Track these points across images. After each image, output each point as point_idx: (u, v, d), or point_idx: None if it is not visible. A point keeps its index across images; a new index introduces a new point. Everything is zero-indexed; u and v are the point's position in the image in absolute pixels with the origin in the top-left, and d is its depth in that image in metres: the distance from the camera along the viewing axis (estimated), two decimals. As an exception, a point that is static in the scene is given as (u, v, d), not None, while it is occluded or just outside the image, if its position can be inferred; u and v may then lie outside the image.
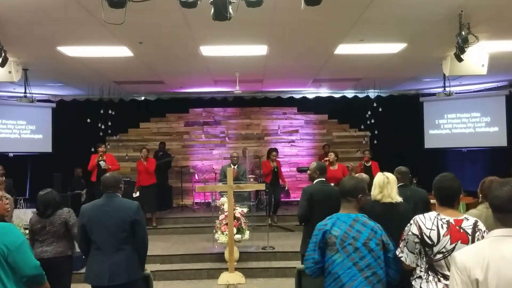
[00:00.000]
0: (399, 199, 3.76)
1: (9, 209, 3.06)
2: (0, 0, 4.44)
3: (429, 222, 2.65)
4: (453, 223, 2.61)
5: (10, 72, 6.61)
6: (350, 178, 3.26)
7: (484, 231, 2.56)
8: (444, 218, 2.64)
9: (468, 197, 7.58)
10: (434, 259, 2.60)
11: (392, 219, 3.46)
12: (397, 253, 2.84)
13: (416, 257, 2.74)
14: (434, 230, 2.61)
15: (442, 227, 2.61)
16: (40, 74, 8.01)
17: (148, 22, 5.20)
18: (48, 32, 5.64)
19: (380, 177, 3.82)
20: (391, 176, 3.82)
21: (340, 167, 8.07)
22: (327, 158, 8.01)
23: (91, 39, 5.95)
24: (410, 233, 2.71)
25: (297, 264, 4.50)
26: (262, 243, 7.47)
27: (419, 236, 2.65)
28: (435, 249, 2.59)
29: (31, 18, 5.03)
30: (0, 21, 5.01)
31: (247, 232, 6.74)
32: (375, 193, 3.77)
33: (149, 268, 4.37)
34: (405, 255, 2.78)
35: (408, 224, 2.76)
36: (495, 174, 3.81)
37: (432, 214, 2.70)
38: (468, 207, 6.93)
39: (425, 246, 2.63)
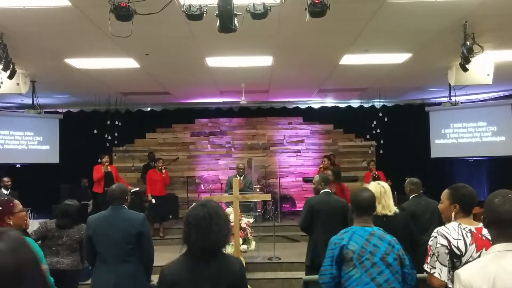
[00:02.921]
0: (395, 209, 3.69)
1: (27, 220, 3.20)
2: (9, 14, 4.51)
3: (455, 233, 2.59)
4: (474, 231, 2.60)
5: (18, 84, 6.68)
6: (364, 190, 3.07)
7: None
8: (467, 227, 2.62)
9: (476, 207, 7.51)
10: None
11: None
12: (428, 270, 2.60)
13: (449, 270, 2.58)
14: (461, 240, 2.56)
15: (467, 236, 2.57)
16: (47, 85, 8.09)
17: (154, 35, 5.26)
18: (56, 45, 5.72)
19: (376, 187, 3.64)
20: (386, 186, 3.70)
21: None
22: (321, 165, 8.04)
23: (98, 51, 6.02)
24: (438, 245, 2.57)
25: (303, 275, 4.48)
26: (268, 254, 7.43)
27: (448, 247, 2.55)
28: (464, 260, 2.53)
29: (39, 31, 5.10)
30: (9, 34, 5.08)
31: (253, 243, 6.72)
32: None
33: (155, 279, 4.36)
34: (438, 271, 2.55)
35: (432, 238, 2.63)
36: (502, 183, 3.78)
37: (454, 224, 2.65)
38: (475, 217, 6.86)
39: (453, 257, 2.55)
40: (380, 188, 3.66)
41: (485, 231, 2.61)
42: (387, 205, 3.62)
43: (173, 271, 2.23)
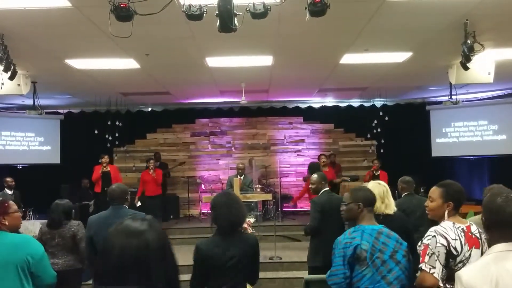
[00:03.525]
0: (395, 208, 3.73)
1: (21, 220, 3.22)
2: (10, 15, 4.52)
3: (452, 233, 2.56)
4: (466, 230, 2.60)
5: (19, 85, 6.67)
6: (363, 188, 3.12)
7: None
8: (460, 226, 2.60)
9: (477, 205, 7.51)
10: (455, 269, 2.51)
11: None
12: (426, 269, 2.54)
13: (442, 269, 2.56)
14: (457, 240, 2.55)
15: (461, 235, 2.57)
16: (48, 86, 8.10)
17: (154, 35, 5.26)
18: (56, 46, 5.72)
19: (379, 188, 3.66)
20: (386, 185, 3.75)
21: (331, 170, 8.24)
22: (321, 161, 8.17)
23: (98, 52, 6.03)
24: (438, 244, 2.53)
25: (305, 274, 4.48)
26: (269, 253, 7.43)
27: (447, 247, 2.53)
28: (458, 259, 2.53)
29: (39, 32, 5.10)
30: (10, 36, 5.08)
31: (254, 242, 6.73)
32: (378, 204, 3.55)
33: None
34: (437, 270, 2.52)
35: (430, 237, 2.58)
36: (503, 182, 3.77)
37: (449, 223, 2.63)
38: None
39: (449, 257, 2.54)
40: (382, 187, 3.69)
41: (473, 229, 2.62)
42: (389, 204, 3.64)
43: (207, 247, 2.86)
